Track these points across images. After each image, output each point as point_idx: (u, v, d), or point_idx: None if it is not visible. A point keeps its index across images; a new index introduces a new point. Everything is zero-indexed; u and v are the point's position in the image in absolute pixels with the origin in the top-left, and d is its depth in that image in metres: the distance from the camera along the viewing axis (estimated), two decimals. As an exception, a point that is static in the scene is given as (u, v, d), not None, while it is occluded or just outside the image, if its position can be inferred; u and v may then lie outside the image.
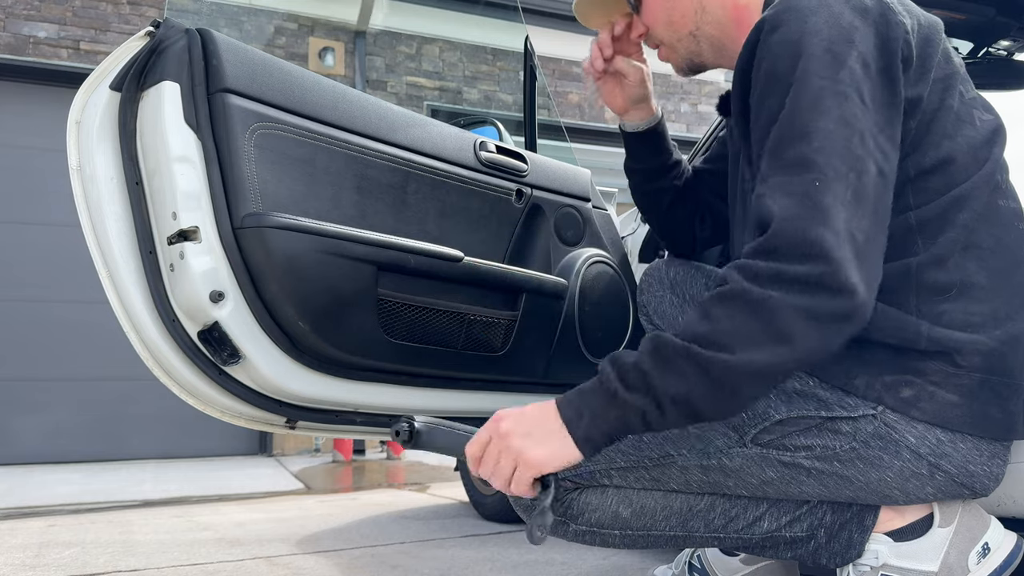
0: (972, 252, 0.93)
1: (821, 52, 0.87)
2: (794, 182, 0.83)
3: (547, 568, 1.85)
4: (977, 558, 0.96)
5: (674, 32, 1.14)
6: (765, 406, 0.97)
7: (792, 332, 0.79)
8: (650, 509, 1.07)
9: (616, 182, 7.14)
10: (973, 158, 0.95)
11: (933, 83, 0.93)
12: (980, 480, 0.94)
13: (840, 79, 0.86)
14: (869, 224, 0.83)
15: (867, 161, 0.84)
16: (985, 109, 1.00)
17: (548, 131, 4.44)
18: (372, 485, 3.84)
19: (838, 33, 0.88)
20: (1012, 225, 0.97)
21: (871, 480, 0.95)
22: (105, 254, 1.25)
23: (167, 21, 1.29)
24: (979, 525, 0.99)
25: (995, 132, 0.99)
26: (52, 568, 1.95)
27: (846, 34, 0.88)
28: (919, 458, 0.92)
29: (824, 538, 1.04)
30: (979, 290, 0.92)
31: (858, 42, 0.88)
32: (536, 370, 1.70)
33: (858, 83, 0.86)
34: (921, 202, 0.93)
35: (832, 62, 0.87)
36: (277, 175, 1.29)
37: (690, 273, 1.40)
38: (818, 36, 0.88)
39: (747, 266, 0.82)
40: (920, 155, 0.93)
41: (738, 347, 0.79)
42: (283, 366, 1.31)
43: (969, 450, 0.92)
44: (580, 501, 1.07)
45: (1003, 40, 1.93)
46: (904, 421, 0.91)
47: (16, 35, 4.88)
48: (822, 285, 0.78)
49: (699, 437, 1.00)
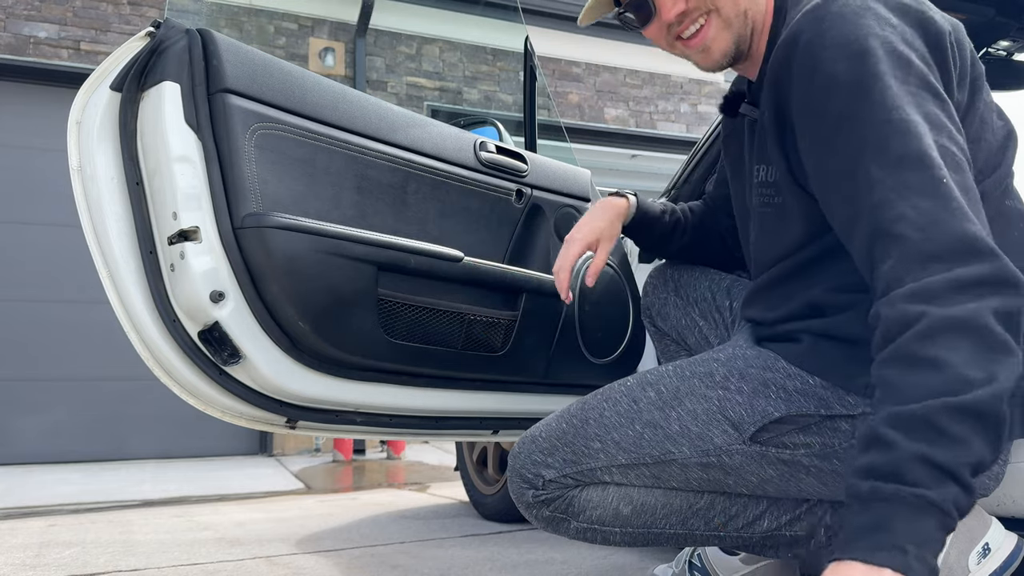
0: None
1: (886, 53, 0.84)
2: (920, 180, 0.77)
3: (547, 567, 1.85)
4: (977, 558, 0.96)
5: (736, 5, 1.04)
6: (765, 404, 0.97)
7: (1006, 336, 0.72)
8: (651, 507, 1.07)
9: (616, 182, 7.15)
10: (988, 162, 0.95)
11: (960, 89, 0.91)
12: (980, 480, 0.94)
13: (909, 80, 0.83)
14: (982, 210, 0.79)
15: (958, 155, 0.82)
16: (998, 114, 1.00)
17: (548, 131, 4.44)
18: (372, 485, 3.84)
19: (893, 34, 0.85)
20: (1016, 225, 0.97)
21: None
22: (105, 254, 1.25)
23: (167, 21, 1.29)
24: (979, 526, 0.99)
25: (1008, 137, 0.99)
26: (52, 568, 1.95)
27: (901, 34, 0.86)
28: None
29: (824, 537, 1.05)
30: None
31: (913, 42, 0.86)
32: (536, 370, 1.70)
33: (926, 80, 0.84)
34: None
35: (899, 61, 0.84)
36: (277, 175, 1.29)
37: (694, 275, 1.40)
38: (877, 37, 0.85)
39: (918, 290, 0.73)
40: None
41: (984, 376, 0.70)
42: (283, 366, 1.31)
43: None
44: (581, 498, 1.07)
45: (1003, 40, 1.93)
46: None
47: (16, 35, 4.88)
48: (1000, 280, 0.73)
49: (699, 435, 1.00)
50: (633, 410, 1.05)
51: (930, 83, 0.84)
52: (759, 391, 0.98)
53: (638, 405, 1.05)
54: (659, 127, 6.83)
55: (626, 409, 1.05)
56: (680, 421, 1.01)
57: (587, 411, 1.08)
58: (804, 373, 0.96)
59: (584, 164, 2.05)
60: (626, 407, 1.05)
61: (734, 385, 1.00)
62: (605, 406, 1.07)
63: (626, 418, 1.04)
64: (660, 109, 6.86)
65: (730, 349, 1.07)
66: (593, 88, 6.60)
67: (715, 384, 1.01)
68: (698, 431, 1.00)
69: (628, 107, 6.72)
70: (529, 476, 1.07)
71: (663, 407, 1.03)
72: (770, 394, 0.97)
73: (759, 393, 0.98)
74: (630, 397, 1.06)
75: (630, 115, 6.72)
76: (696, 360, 1.06)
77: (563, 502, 1.07)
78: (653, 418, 1.03)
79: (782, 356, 0.99)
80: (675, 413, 1.02)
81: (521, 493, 1.09)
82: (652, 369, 1.09)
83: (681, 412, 1.02)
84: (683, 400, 1.02)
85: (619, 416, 1.05)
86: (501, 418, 1.69)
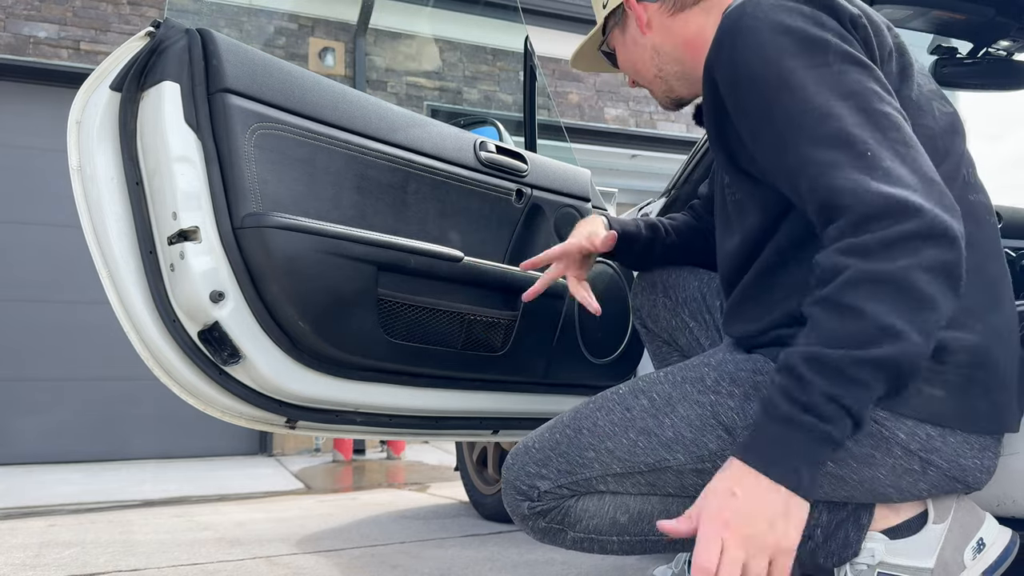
0: None
1: (798, 42, 0.89)
2: (846, 157, 0.83)
3: (547, 568, 1.85)
4: (972, 553, 0.97)
5: (643, 76, 1.24)
6: (756, 407, 0.97)
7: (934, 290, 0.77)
8: (647, 514, 1.07)
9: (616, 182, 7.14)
10: (932, 149, 0.96)
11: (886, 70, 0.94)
12: (972, 473, 0.94)
13: (828, 61, 0.88)
14: (926, 164, 0.84)
15: (892, 113, 0.86)
16: (945, 101, 1.02)
17: (548, 131, 4.44)
18: (372, 485, 3.84)
19: (804, 21, 0.91)
20: (983, 219, 0.98)
21: (864, 479, 0.95)
22: (105, 254, 1.25)
23: (167, 21, 1.29)
24: (974, 521, 0.99)
25: (953, 125, 1.01)
26: (52, 568, 1.95)
27: (813, 19, 0.91)
28: (910, 454, 0.92)
29: (821, 537, 1.05)
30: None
31: (826, 23, 0.91)
32: (536, 370, 1.70)
33: (845, 55, 0.89)
34: None
35: (813, 47, 0.89)
36: (277, 175, 1.29)
37: (683, 276, 1.40)
38: (788, 31, 0.90)
39: (852, 246, 0.79)
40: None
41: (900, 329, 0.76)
42: (283, 366, 1.31)
43: (959, 444, 0.92)
44: (577, 508, 1.07)
45: (1003, 40, 1.93)
46: (893, 418, 0.92)
47: (16, 35, 4.88)
48: (931, 235, 0.77)
49: (694, 441, 1.00)
50: (626, 418, 1.05)
51: (850, 54, 0.88)
52: (750, 394, 0.98)
53: (631, 413, 1.05)
54: (659, 127, 6.84)
55: (619, 417, 1.05)
56: (674, 428, 1.01)
57: (580, 420, 1.08)
58: None
59: (584, 164, 2.05)
60: (619, 415, 1.05)
61: (725, 389, 1.00)
62: (598, 415, 1.07)
63: (619, 426, 1.05)
64: (660, 109, 6.85)
65: (720, 354, 1.08)
66: (593, 88, 6.60)
67: (707, 389, 1.01)
68: (692, 437, 1.00)
69: (628, 107, 6.72)
70: (524, 488, 1.07)
71: (656, 414, 1.03)
72: (761, 397, 0.97)
73: (750, 397, 0.98)
74: (623, 405, 1.06)
75: (630, 115, 6.72)
76: (687, 365, 1.07)
77: (559, 513, 1.07)
78: (647, 425, 1.03)
79: (771, 360, 0.99)
80: (668, 420, 1.02)
81: (516, 505, 1.08)
82: (644, 376, 1.10)
83: (674, 418, 1.02)
84: (676, 406, 1.02)
85: (612, 425, 1.05)
86: (501, 418, 1.69)
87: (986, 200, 1.00)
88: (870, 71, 0.89)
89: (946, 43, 2.03)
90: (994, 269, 0.97)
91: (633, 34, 1.21)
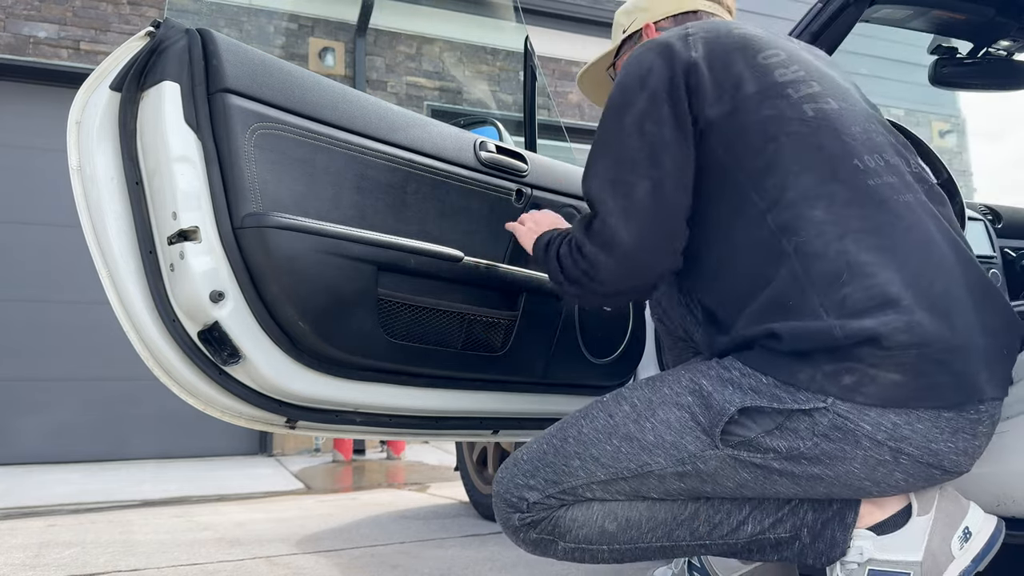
0: (848, 237, 0.96)
1: (619, 98, 1.11)
2: (591, 208, 1.11)
3: (547, 568, 1.86)
4: (959, 543, 0.97)
5: None
6: (722, 401, 0.98)
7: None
8: (635, 522, 1.08)
9: (616, 182, 6.94)
10: (805, 149, 1.01)
11: (741, 100, 1.06)
12: (947, 457, 0.94)
13: (625, 121, 1.09)
14: (638, 230, 1.06)
15: (637, 183, 1.06)
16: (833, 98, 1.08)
17: (548, 131, 4.44)
18: (372, 485, 3.84)
19: (637, 78, 1.10)
20: (891, 199, 1.00)
21: (840, 474, 0.96)
22: (105, 254, 1.25)
23: (167, 21, 1.29)
24: (958, 510, 1.00)
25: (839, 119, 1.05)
26: (52, 568, 1.95)
27: (642, 77, 1.09)
28: (879, 444, 0.92)
29: (808, 538, 1.05)
30: (868, 266, 0.94)
31: (650, 81, 1.08)
32: (536, 370, 1.70)
33: (641, 120, 1.07)
34: (769, 205, 1.00)
35: (622, 106, 1.10)
36: (277, 175, 1.29)
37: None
38: (622, 86, 1.12)
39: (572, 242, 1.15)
40: (746, 162, 1.03)
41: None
42: (283, 366, 1.31)
43: (928, 429, 0.92)
44: (567, 518, 1.08)
45: (1003, 40, 1.93)
46: (856, 410, 0.92)
47: (16, 35, 4.88)
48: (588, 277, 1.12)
49: (674, 444, 1.02)
50: (609, 425, 1.06)
51: (648, 117, 1.07)
52: (718, 390, 1.00)
53: (614, 419, 1.06)
54: (659, 127, 6.82)
55: (603, 424, 1.07)
56: (655, 431, 1.03)
57: (566, 430, 1.10)
58: (757, 373, 0.98)
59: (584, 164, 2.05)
60: (603, 422, 1.07)
61: (701, 387, 1.02)
62: (583, 423, 1.09)
63: (603, 433, 1.06)
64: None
65: (697, 359, 1.13)
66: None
67: (684, 390, 1.03)
68: (672, 440, 1.02)
69: (628, 107, 6.70)
70: (513, 500, 1.09)
71: (637, 419, 1.05)
72: (726, 391, 0.99)
73: (717, 391, 1.00)
74: (606, 412, 1.08)
75: (630, 115, 6.71)
76: (668, 371, 1.09)
77: (549, 523, 1.08)
78: (629, 431, 1.04)
79: (739, 360, 1.01)
80: (649, 424, 1.04)
81: (507, 518, 1.10)
82: (629, 384, 1.12)
83: (655, 422, 1.03)
84: (656, 410, 1.04)
85: (596, 432, 1.07)
86: (501, 418, 1.69)
87: (894, 180, 1.02)
88: (669, 131, 1.07)
89: (946, 43, 2.03)
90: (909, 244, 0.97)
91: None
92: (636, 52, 1.15)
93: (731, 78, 1.07)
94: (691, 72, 1.08)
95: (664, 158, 1.06)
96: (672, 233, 1.08)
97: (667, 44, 1.12)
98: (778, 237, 0.99)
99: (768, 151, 1.02)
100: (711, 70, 1.08)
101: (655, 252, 1.07)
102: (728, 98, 1.06)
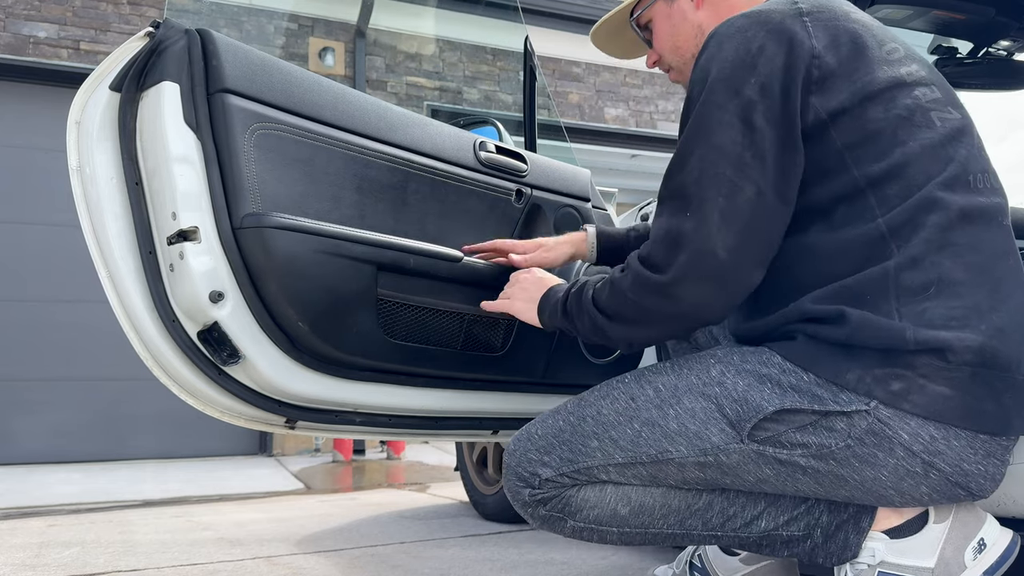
0: (948, 250, 0.94)
1: (721, 80, 0.98)
2: (670, 209, 1.00)
3: (547, 568, 1.85)
4: (973, 554, 0.97)
5: (679, 56, 1.24)
6: (759, 399, 0.96)
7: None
8: (648, 507, 1.07)
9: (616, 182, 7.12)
10: (933, 160, 0.97)
11: (869, 97, 0.97)
12: (975, 480, 0.93)
13: (728, 108, 0.96)
14: (735, 240, 0.95)
15: (742, 184, 0.95)
16: (952, 107, 1.03)
17: (548, 131, 4.44)
18: (372, 485, 3.84)
19: (743, 59, 0.97)
20: (994, 220, 0.98)
21: (866, 479, 0.95)
22: (105, 254, 1.25)
23: (167, 21, 1.29)
24: (974, 521, 0.99)
25: (959, 131, 1.01)
26: (52, 568, 1.95)
27: (751, 60, 0.97)
28: (913, 456, 0.92)
29: (820, 538, 1.05)
30: (958, 286, 0.93)
31: (762, 66, 0.96)
32: (536, 370, 1.70)
33: (747, 110, 0.96)
34: (887, 209, 0.96)
35: (726, 90, 0.97)
36: (277, 175, 1.29)
37: None
38: (723, 63, 0.98)
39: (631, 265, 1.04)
40: (866, 166, 0.97)
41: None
42: (283, 366, 1.31)
43: (963, 448, 0.91)
44: (578, 497, 1.06)
45: (1003, 40, 1.93)
46: (897, 417, 0.91)
47: (16, 35, 4.88)
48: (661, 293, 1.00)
49: (697, 434, 1.00)
50: (631, 408, 1.04)
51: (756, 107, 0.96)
52: (754, 386, 0.98)
53: (636, 403, 1.04)
54: (659, 127, 6.84)
55: (624, 407, 1.05)
56: (678, 419, 1.01)
57: (584, 408, 1.08)
58: (799, 369, 0.96)
59: (584, 164, 2.05)
60: (624, 405, 1.05)
61: (730, 381, 0.99)
62: (603, 404, 1.07)
63: (624, 416, 1.04)
64: (660, 109, 6.86)
65: (727, 346, 1.07)
66: (593, 88, 6.60)
67: (712, 381, 1.00)
68: (696, 429, 1.00)
69: (628, 107, 6.72)
70: (525, 475, 1.07)
71: (661, 405, 1.02)
72: (764, 389, 0.96)
73: (753, 388, 0.98)
74: (628, 395, 1.05)
75: (630, 115, 6.72)
76: (694, 357, 1.06)
77: (560, 501, 1.07)
78: (651, 416, 1.02)
79: (778, 353, 0.98)
80: (673, 411, 1.01)
81: (517, 492, 1.08)
82: (651, 366, 1.09)
83: (679, 410, 1.01)
84: (681, 398, 1.01)
85: (617, 414, 1.04)
86: (500, 418, 1.69)
87: (999, 201, 1.00)
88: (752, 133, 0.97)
89: (946, 43, 2.03)
90: (1000, 270, 0.96)
91: (684, 6, 1.21)
92: (735, 22, 1.01)
93: (859, 72, 0.98)
94: (815, 65, 0.97)
95: (770, 161, 0.96)
96: (772, 246, 0.99)
97: (781, 24, 0.98)
98: (887, 240, 0.95)
99: (895, 156, 0.97)
100: (839, 63, 0.97)
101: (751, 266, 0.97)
102: (857, 93, 0.97)
